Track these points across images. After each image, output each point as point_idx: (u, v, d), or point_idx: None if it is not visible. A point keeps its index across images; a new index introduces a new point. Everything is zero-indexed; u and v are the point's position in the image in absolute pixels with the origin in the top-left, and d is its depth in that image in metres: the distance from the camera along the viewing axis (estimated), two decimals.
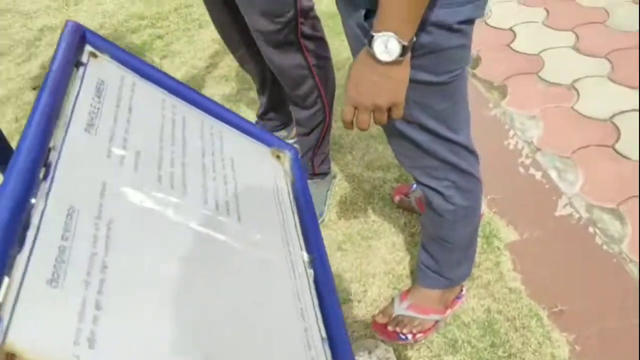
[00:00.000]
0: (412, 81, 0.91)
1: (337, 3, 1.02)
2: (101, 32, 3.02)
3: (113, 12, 3.24)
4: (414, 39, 0.82)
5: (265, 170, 0.64)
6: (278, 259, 0.53)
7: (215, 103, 0.65)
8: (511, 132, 2.02)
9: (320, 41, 1.52)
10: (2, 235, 0.31)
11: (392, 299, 1.49)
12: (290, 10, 1.37)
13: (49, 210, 0.36)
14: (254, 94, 2.04)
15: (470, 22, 0.91)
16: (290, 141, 2.02)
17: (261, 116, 2.01)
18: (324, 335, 0.51)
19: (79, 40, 0.51)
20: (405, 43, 0.79)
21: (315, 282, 0.57)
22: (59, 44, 0.48)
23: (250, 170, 0.62)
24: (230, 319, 0.44)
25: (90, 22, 3.15)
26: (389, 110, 0.88)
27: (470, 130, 1.15)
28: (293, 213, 0.63)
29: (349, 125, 0.92)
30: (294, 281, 0.53)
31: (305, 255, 0.58)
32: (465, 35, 0.93)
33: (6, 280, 0.31)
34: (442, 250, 1.32)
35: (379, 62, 0.81)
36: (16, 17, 3.37)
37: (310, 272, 0.57)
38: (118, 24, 3.10)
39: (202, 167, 0.55)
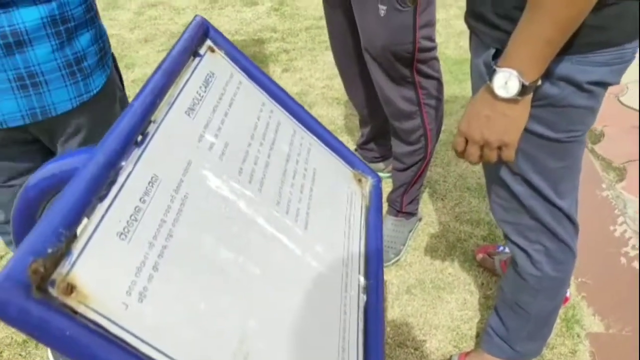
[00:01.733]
0: (527, 131, 0.89)
1: (470, 40, 1.03)
2: (235, 37, 3.24)
3: (250, 21, 3.46)
4: (539, 82, 0.80)
5: (343, 189, 0.65)
6: (332, 275, 0.54)
7: (312, 117, 0.68)
8: (621, 219, 1.88)
9: (436, 82, 1.53)
10: (90, 183, 0.35)
11: (450, 357, 1.43)
12: (409, 47, 1.39)
13: (135, 173, 0.40)
14: None
15: (602, 85, 0.88)
16: (385, 175, 2.03)
17: (361, 145, 2.04)
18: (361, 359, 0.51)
19: (202, 34, 0.56)
20: (527, 83, 0.77)
21: (366, 308, 0.57)
22: (183, 33, 0.54)
23: (328, 186, 0.63)
24: (271, 316, 0.45)
25: (228, 26, 3.39)
26: (500, 149, 0.86)
27: (577, 201, 1.08)
28: (360, 237, 0.63)
29: (459, 154, 0.91)
30: (343, 301, 0.54)
31: (362, 280, 0.59)
32: (594, 98, 0.89)
33: (85, 221, 0.35)
34: (515, 318, 1.24)
35: (495, 97, 0.80)
36: (166, 11, 3.71)
37: (363, 297, 0.57)
38: (252, 32, 3.30)
39: (283, 172, 0.57)
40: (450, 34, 3.08)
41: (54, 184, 0.44)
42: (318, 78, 2.76)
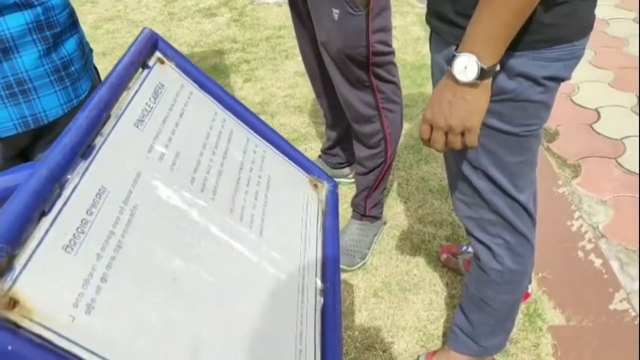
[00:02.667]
0: (486, 126, 0.93)
1: (430, 39, 1.06)
2: (195, 49, 3.23)
3: (210, 32, 3.45)
4: (497, 68, 0.84)
5: (298, 195, 0.66)
6: (289, 279, 0.55)
7: (266, 125, 0.68)
8: (577, 214, 1.94)
9: (394, 86, 1.56)
10: (32, 197, 0.35)
11: (418, 357, 1.45)
12: (363, 50, 1.42)
13: (82, 186, 0.40)
14: (323, 128, 2.10)
15: (556, 80, 0.92)
16: (350, 180, 2.05)
17: (325, 151, 2.06)
18: None
19: (151, 46, 0.57)
20: (485, 67, 0.81)
21: (323, 310, 0.57)
22: (131, 46, 0.54)
23: (283, 192, 0.64)
24: (226, 323, 0.45)
25: (188, 38, 3.38)
26: (463, 135, 0.89)
27: (535, 196, 1.12)
28: (317, 241, 0.64)
29: (425, 142, 0.94)
30: (299, 304, 0.54)
31: (319, 283, 0.59)
32: (548, 92, 0.94)
33: (27, 236, 0.35)
34: (479, 313, 1.27)
35: (456, 82, 0.83)
36: (124, 24, 3.67)
37: (320, 299, 0.58)
38: (212, 43, 3.29)
39: (236, 180, 0.58)
40: (408, 40, 3.14)
41: None
42: (280, 87, 2.78)
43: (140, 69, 0.55)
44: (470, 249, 1.69)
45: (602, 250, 1.78)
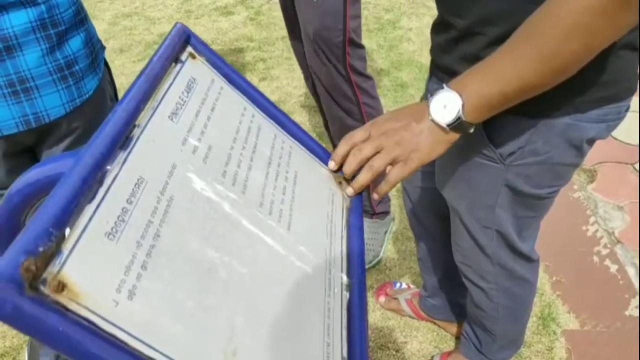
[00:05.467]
0: (508, 187, 0.87)
1: (429, 81, 0.99)
2: (212, 47, 3.24)
3: (226, 30, 3.47)
4: (471, 130, 0.67)
5: (324, 191, 0.67)
6: (316, 273, 0.56)
7: (292, 121, 0.69)
8: (592, 219, 1.93)
9: (371, 81, 1.57)
10: (78, 185, 0.36)
11: (432, 357, 1.45)
12: (339, 34, 1.42)
13: (121, 175, 0.41)
14: None
15: (593, 142, 0.83)
16: None
17: None
18: (345, 355, 0.52)
19: (183, 41, 0.58)
20: (465, 119, 0.65)
21: (349, 305, 0.58)
22: (165, 39, 0.55)
23: (310, 188, 0.65)
24: (258, 313, 0.46)
25: (204, 36, 3.40)
26: (394, 163, 0.70)
27: (536, 239, 1.07)
28: (342, 237, 0.65)
29: (345, 144, 0.71)
30: (326, 298, 0.55)
31: (345, 278, 0.60)
32: (582, 156, 0.85)
33: (74, 222, 0.36)
34: (484, 335, 1.26)
35: (427, 111, 0.68)
36: (141, 21, 3.70)
37: (346, 294, 0.59)
38: (229, 42, 3.31)
39: (265, 174, 0.59)
40: (424, 41, 3.14)
41: (38, 189, 0.45)
42: (295, 86, 2.78)
43: (174, 64, 0.56)
44: (404, 286, 1.66)
45: (617, 256, 1.77)
